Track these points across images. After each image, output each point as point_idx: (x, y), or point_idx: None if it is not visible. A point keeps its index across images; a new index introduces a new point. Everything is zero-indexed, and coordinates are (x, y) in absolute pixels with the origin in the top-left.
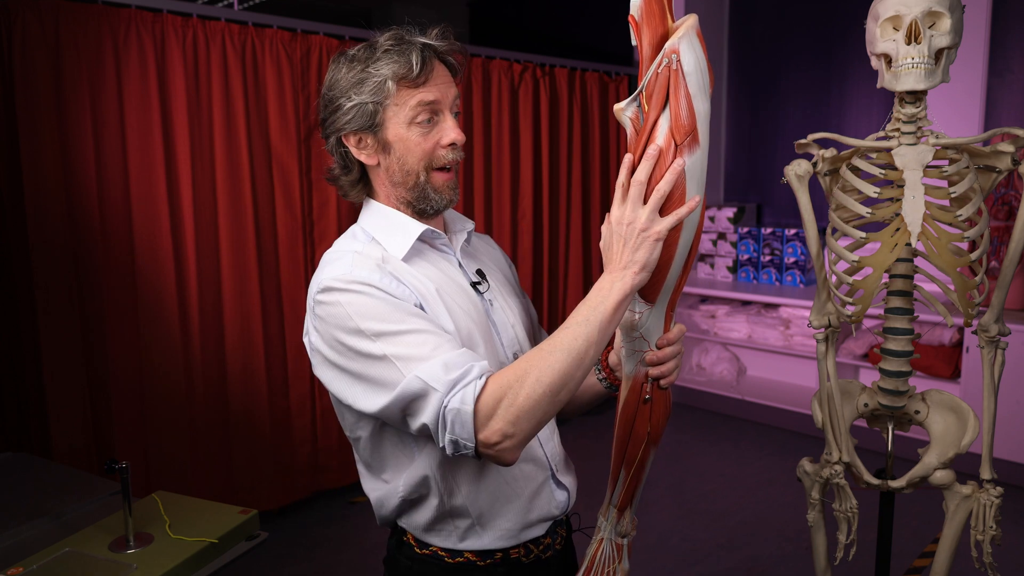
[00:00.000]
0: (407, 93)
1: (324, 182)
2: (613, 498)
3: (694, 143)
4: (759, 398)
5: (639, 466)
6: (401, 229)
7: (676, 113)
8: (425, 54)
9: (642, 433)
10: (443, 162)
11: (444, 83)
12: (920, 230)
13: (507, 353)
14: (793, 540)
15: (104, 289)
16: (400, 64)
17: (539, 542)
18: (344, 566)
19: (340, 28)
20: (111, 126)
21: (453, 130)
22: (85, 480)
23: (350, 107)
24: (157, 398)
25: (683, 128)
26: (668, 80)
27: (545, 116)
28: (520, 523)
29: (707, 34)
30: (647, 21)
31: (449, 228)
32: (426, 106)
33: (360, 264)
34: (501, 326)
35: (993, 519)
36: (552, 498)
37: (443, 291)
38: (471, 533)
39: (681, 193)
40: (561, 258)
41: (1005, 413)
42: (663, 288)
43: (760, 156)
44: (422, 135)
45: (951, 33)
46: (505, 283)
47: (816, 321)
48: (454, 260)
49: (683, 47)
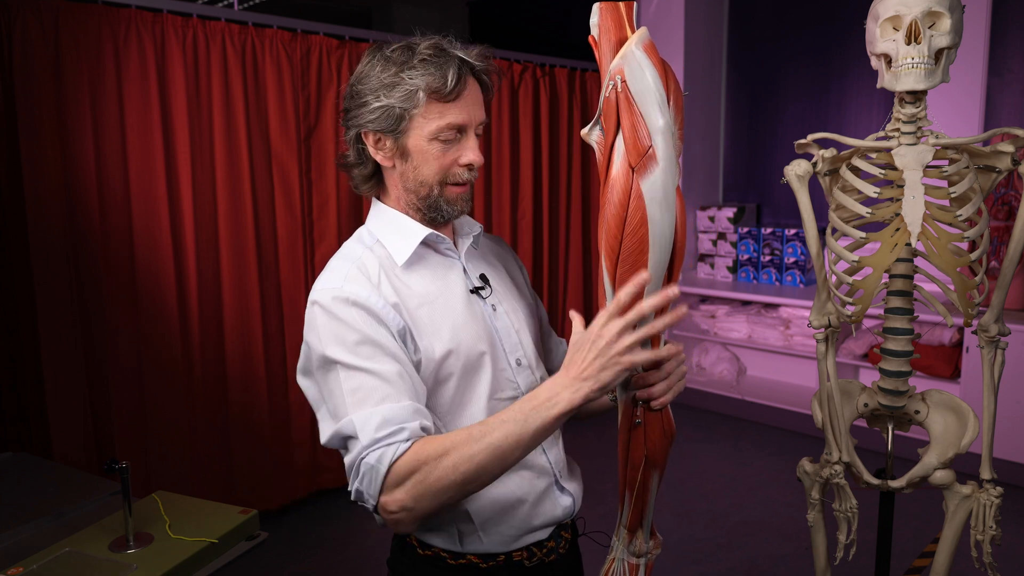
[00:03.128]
0: (436, 107)
1: (324, 182)
2: (622, 519)
3: (651, 163)
4: (759, 398)
5: (641, 489)
6: (405, 233)
7: (629, 136)
8: (462, 71)
9: (638, 457)
10: (458, 179)
11: (474, 103)
12: (920, 230)
13: (510, 359)
14: (793, 540)
15: (104, 289)
16: (435, 77)
17: (543, 545)
18: (344, 566)
19: (340, 28)
20: (111, 126)
21: (473, 151)
22: (85, 480)
23: (377, 107)
24: (157, 398)
25: (636, 150)
26: (617, 103)
27: (545, 116)
28: (522, 528)
29: (707, 34)
30: (604, 38)
31: (457, 231)
32: (453, 126)
33: (353, 279)
34: (503, 332)
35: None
36: (556, 504)
37: (439, 300)
38: (472, 537)
39: (642, 217)
40: (561, 258)
41: (1005, 413)
42: None
43: (760, 156)
44: (442, 150)
45: (951, 33)
46: (512, 287)
47: (816, 321)
48: (458, 265)
49: (627, 67)
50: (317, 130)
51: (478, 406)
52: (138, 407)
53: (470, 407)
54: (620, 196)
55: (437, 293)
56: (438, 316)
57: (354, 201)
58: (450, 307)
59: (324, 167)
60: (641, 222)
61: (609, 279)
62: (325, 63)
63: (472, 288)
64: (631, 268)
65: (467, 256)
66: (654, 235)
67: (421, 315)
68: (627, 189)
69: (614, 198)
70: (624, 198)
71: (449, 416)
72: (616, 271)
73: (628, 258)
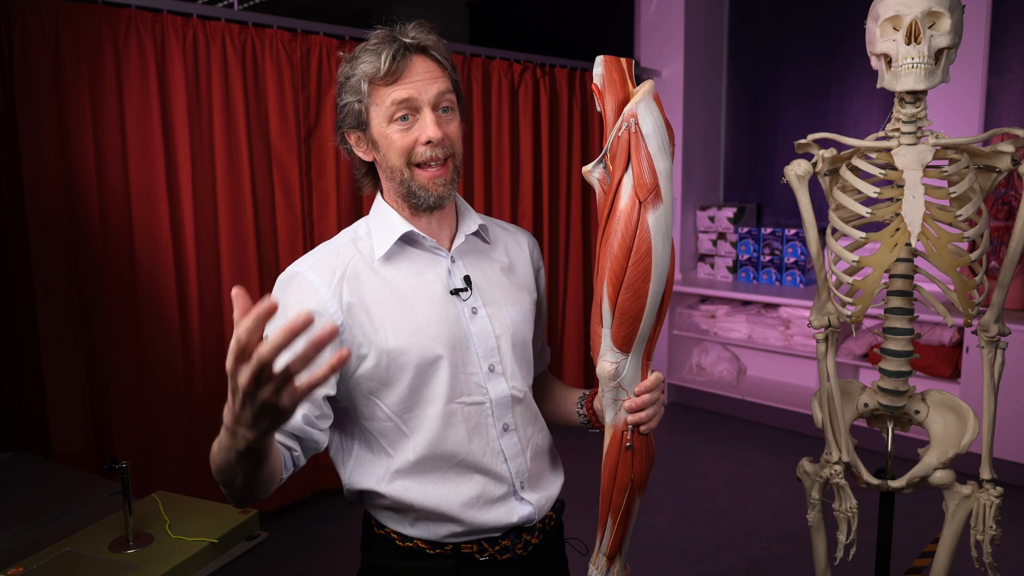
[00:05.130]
0: (382, 92)
1: (324, 182)
2: (602, 546)
3: (657, 199)
4: (759, 398)
5: (625, 513)
6: (388, 227)
7: (638, 172)
8: (397, 52)
9: (625, 480)
10: (421, 159)
11: (423, 79)
12: (920, 230)
13: (481, 364)
14: (793, 540)
15: (104, 289)
16: (370, 63)
17: (496, 542)
18: (344, 566)
19: (340, 28)
20: (111, 126)
21: (431, 127)
22: (85, 480)
23: (342, 106)
24: (157, 398)
25: (645, 186)
26: (629, 142)
27: (545, 116)
28: (470, 527)
29: (707, 34)
30: (608, 88)
31: (460, 226)
32: (399, 104)
33: (321, 265)
34: (479, 335)
35: (993, 519)
36: (512, 511)
37: (408, 298)
38: (419, 523)
39: (647, 248)
40: (561, 258)
41: (1005, 413)
42: (637, 338)
43: (760, 156)
44: (400, 132)
45: (951, 33)
46: (508, 290)
47: (816, 321)
48: (443, 263)
49: (640, 110)
50: (317, 130)
51: (435, 408)
52: (138, 407)
53: (427, 407)
54: (628, 228)
55: (408, 290)
56: (400, 313)
57: (354, 201)
58: (416, 306)
59: (324, 167)
60: (646, 252)
61: (609, 305)
62: (325, 63)
63: (452, 289)
64: (634, 295)
65: (460, 252)
66: (656, 265)
67: (383, 311)
68: (635, 221)
69: (620, 229)
70: (632, 229)
71: (406, 415)
72: (618, 298)
73: (632, 285)
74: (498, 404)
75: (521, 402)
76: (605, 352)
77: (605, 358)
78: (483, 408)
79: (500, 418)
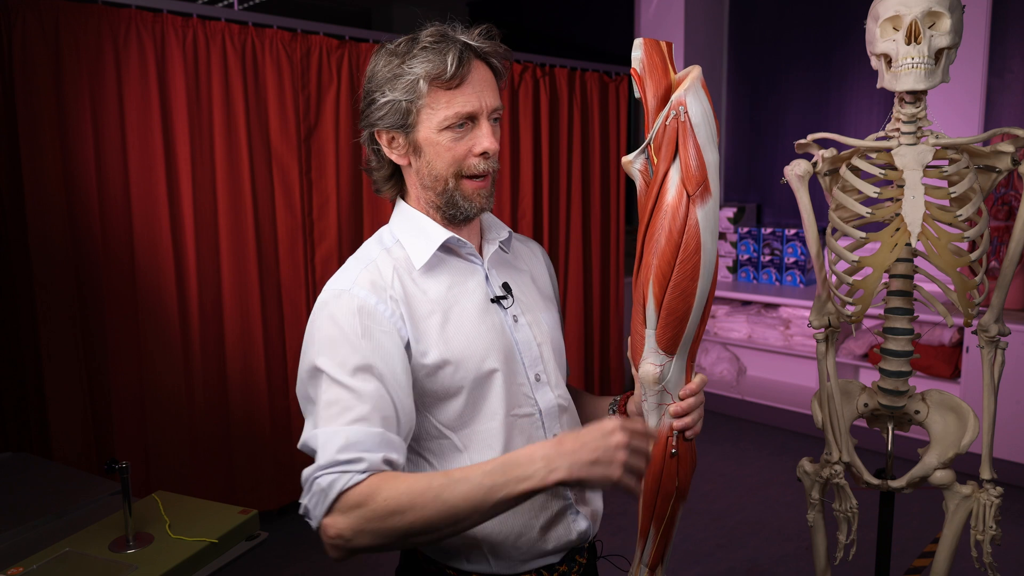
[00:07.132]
0: (442, 95)
1: (324, 182)
2: (643, 557)
3: (706, 193)
4: (759, 398)
5: (669, 522)
6: (425, 235)
7: (687, 164)
8: (464, 54)
9: (670, 488)
10: (474, 171)
11: (483, 88)
12: (920, 230)
13: (529, 374)
14: (793, 540)
15: (104, 289)
16: (435, 64)
17: (554, 569)
18: (344, 566)
19: (340, 28)
20: (111, 126)
21: (487, 138)
22: (85, 480)
23: (383, 103)
24: (157, 398)
25: (694, 178)
26: (677, 132)
27: (545, 116)
28: (532, 553)
29: (707, 34)
30: (650, 74)
31: (484, 235)
32: (463, 114)
33: (363, 281)
34: (524, 344)
35: (993, 519)
36: (570, 528)
37: (454, 309)
38: (480, 558)
39: (696, 244)
40: (561, 258)
41: (1005, 413)
42: (683, 339)
43: (760, 156)
44: (453, 140)
45: (951, 33)
46: (538, 297)
47: (816, 321)
48: (480, 272)
49: (690, 99)
50: (317, 130)
51: (495, 422)
52: (138, 407)
53: (487, 422)
54: (676, 223)
55: (452, 301)
56: (450, 326)
57: (354, 201)
58: (465, 317)
59: (324, 167)
60: (696, 249)
61: (655, 304)
62: (325, 63)
63: (493, 297)
64: (681, 295)
65: (492, 262)
66: (704, 262)
67: (431, 324)
68: (683, 216)
69: (668, 224)
70: (680, 224)
71: (463, 431)
72: (665, 296)
73: (680, 284)
74: (547, 414)
75: (567, 411)
76: (648, 354)
77: (648, 360)
78: (534, 420)
79: (551, 429)
